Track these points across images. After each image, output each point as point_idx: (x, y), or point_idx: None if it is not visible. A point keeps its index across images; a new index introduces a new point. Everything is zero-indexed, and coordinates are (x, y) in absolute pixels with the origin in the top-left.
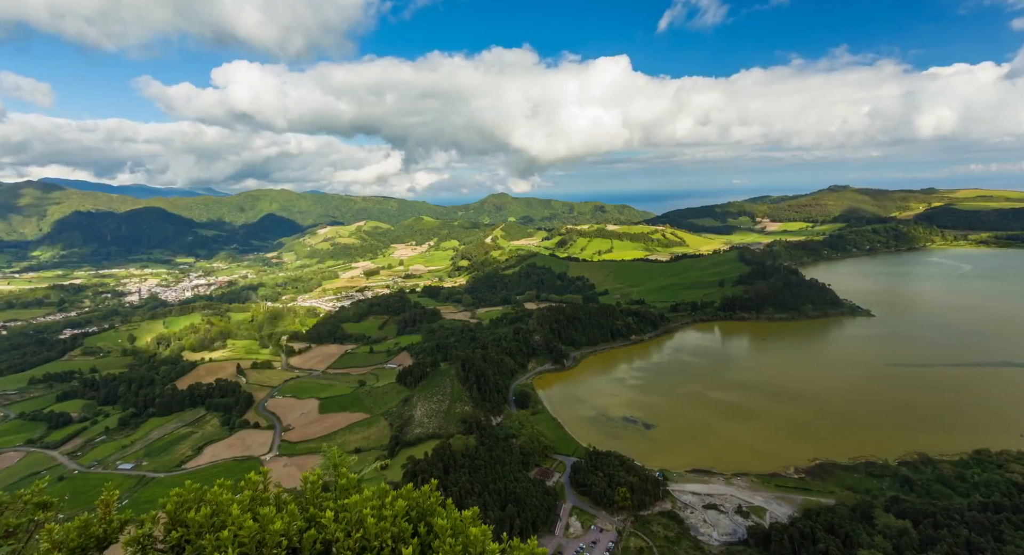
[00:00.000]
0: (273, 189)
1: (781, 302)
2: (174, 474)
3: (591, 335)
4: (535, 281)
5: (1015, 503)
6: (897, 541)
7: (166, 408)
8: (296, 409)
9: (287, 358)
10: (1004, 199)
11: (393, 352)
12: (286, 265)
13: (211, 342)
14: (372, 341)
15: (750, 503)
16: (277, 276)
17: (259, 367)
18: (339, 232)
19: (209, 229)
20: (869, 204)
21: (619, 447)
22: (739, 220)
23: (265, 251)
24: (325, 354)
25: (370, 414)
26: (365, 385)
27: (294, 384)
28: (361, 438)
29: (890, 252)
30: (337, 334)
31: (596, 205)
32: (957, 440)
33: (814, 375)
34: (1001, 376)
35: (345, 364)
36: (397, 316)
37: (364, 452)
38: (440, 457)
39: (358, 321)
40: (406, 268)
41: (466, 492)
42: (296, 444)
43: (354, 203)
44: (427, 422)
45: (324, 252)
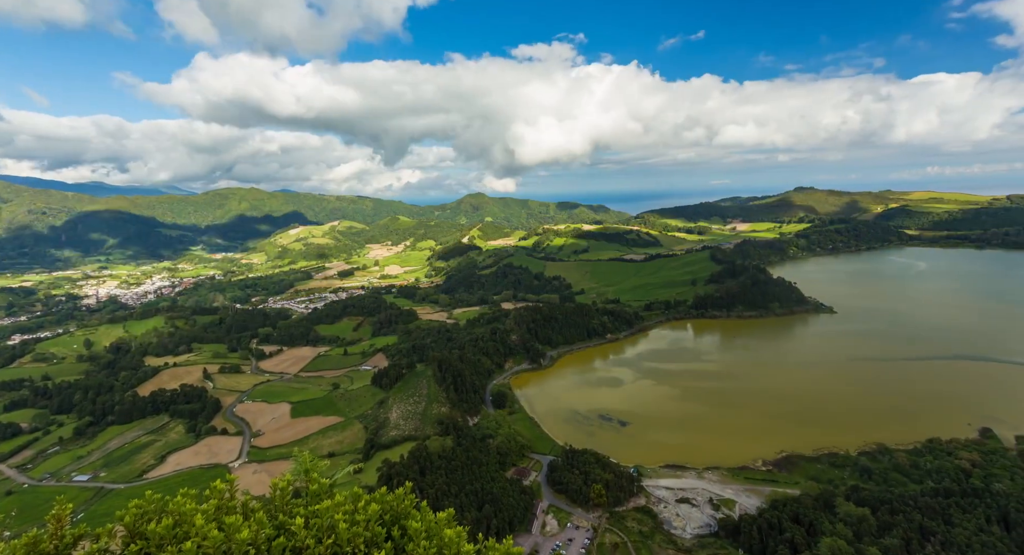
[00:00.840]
0: (242, 188)
1: (750, 300)
2: (134, 485)
3: (568, 334)
4: (512, 281)
5: (963, 488)
6: (857, 528)
7: (126, 416)
8: (266, 414)
9: (257, 361)
10: (954, 201)
11: (368, 354)
12: (256, 266)
13: (176, 346)
14: (346, 343)
15: (721, 496)
16: (247, 277)
17: (227, 371)
18: (312, 232)
19: (174, 229)
20: (832, 205)
21: (595, 445)
22: (711, 220)
23: (234, 252)
24: (297, 357)
25: (344, 417)
26: (339, 388)
27: (264, 388)
28: (335, 442)
29: (851, 251)
30: (310, 336)
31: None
32: (911, 430)
33: (781, 371)
34: (951, 368)
35: (318, 367)
36: (372, 317)
37: (338, 456)
38: (416, 459)
39: (332, 323)
40: (381, 268)
41: (443, 494)
42: (266, 450)
43: (327, 202)
44: (403, 424)
45: (296, 252)
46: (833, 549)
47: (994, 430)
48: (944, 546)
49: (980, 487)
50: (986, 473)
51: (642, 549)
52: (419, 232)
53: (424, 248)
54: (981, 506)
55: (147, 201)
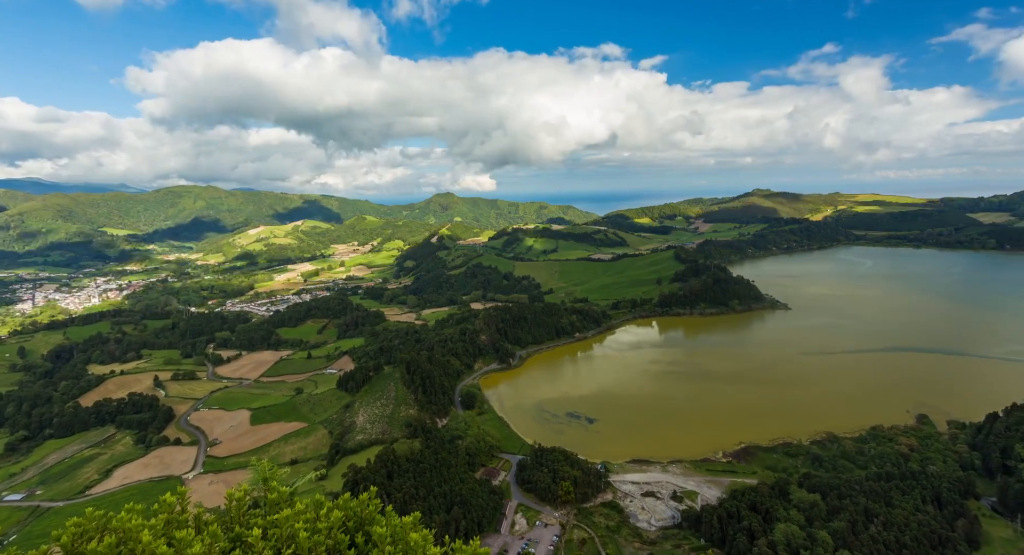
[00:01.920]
0: (198, 186)
1: (712, 298)
2: (75, 502)
3: (537, 334)
4: (481, 281)
5: (902, 471)
6: (809, 513)
7: (67, 428)
8: (224, 421)
9: (214, 367)
10: (895, 204)
11: (333, 357)
12: (213, 267)
13: (123, 353)
14: (310, 346)
15: (684, 488)
16: (202, 279)
17: (181, 378)
18: (274, 232)
19: (121, 228)
20: (787, 207)
21: (563, 442)
22: (675, 221)
23: (188, 252)
24: (258, 361)
25: (308, 423)
26: (302, 392)
27: (222, 395)
28: (298, 448)
29: (804, 250)
30: (271, 340)
31: (541, 205)
32: (858, 418)
33: (739, 365)
34: (892, 360)
35: (280, 371)
36: (338, 319)
37: (301, 463)
38: (383, 463)
39: (295, 325)
40: (348, 269)
41: (410, 497)
42: (224, 459)
43: (290, 201)
44: (370, 428)
45: (257, 253)
46: (787, 534)
47: (929, 416)
48: (885, 526)
49: (917, 470)
50: (922, 457)
51: (609, 543)
52: (387, 232)
53: (392, 248)
54: (917, 487)
55: (91, 199)
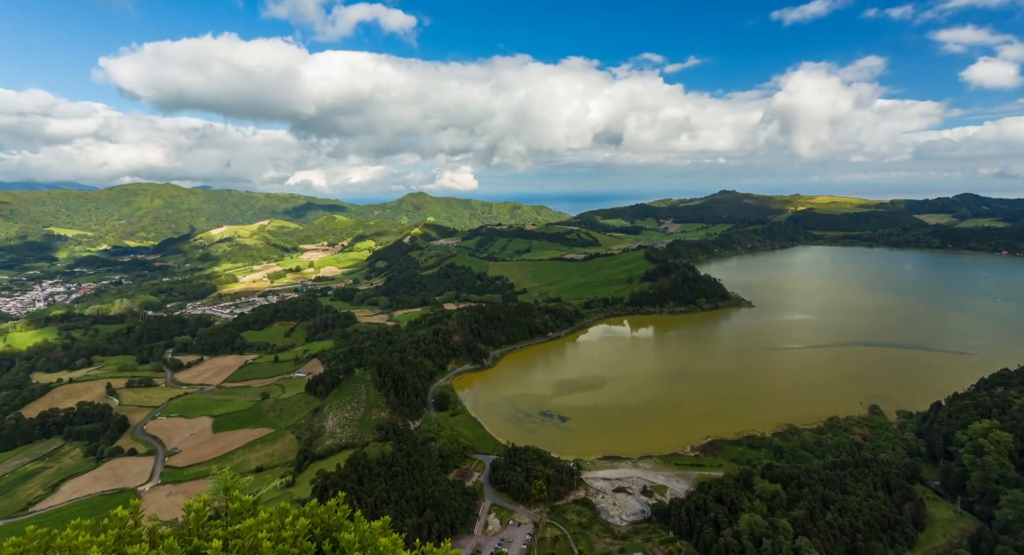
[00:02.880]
0: (156, 184)
1: (681, 296)
2: (17, 520)
3: (510, 333)
4: (454, 281)
5: (856, 459)
6: (771, 502)
7: (7, 442)
8: (184, 430)
9: (173, 373)
10: (850, 205)
11: (302, 360)
12: (172, 269)
13: (72, 360)
14: (277, 349)
15: (654, 483)
16: (160, 281)
17: (137, 385)
18: (238, 232)
19: (70, 228)
20: (751, 207)
21: (537, 441)
22: (646, 221)
23: (145, 253)
24: (221, 366)
25: (275, 428)
26: (269, 397)
27: (182, 402)
28: (263, 455)
29: (767, 250)
30: (235, 343)
31: (514, 205)
32: (816, 410)
33: (707, 362)
34: (847, 354)
35: (245, 376)
36: (306, 321)
37: (267, 471)
38: (354, 468)
39: (261, 328)
40: (317, 270)
41: (382, 501)
42: (183, 469)
43: (255, 201)
44: (340, 432)
45: (220, 254)
46: (750, 524)
47: (880, 407)
48: (841, 512)
49: (869, 458)
50: (874, 445)
51: (581, 540)
52: (357, 232)
53: (363, 249)
54: (870, 474)
55: (35, 197)
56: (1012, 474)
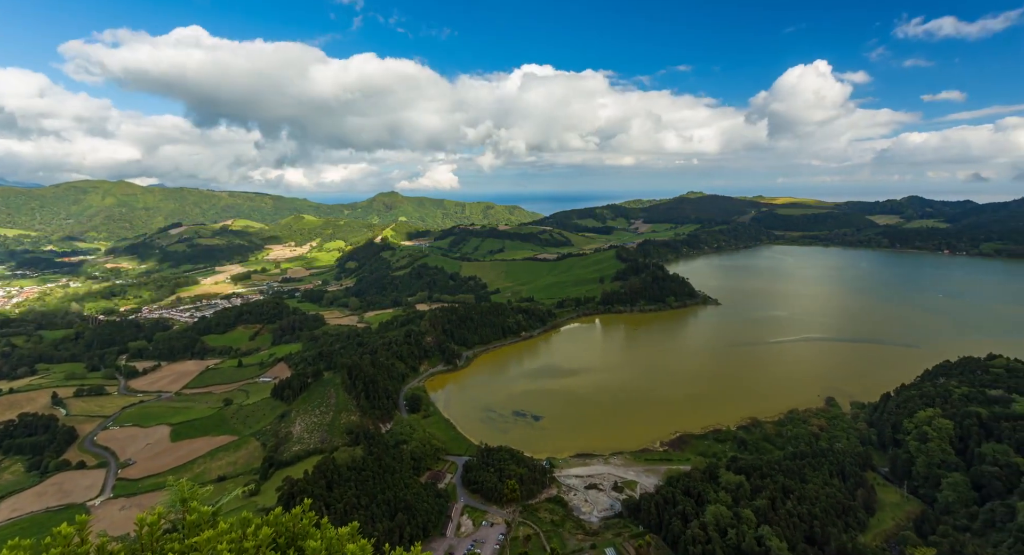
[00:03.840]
0: (107, 181)
1: (650, 295)
2: None
3: (483, 334)
4: (427, 282)
5: (813, 449)
6: (735, 493)
7: None
8: (139, 439)
9: (127, 381)
10: (808, 206)
11: (267, 364)
12: (126, 271)
13: (13, 369)
14: (241, 354)
15: (625, 478)
16: (113, 284)
17: (86, 394)
18: (199, 232)
19: (10, 227)
20: (718, 208)
21: (510, 441)
22: (617, 221)
23: (96, 255)
24: (180, 372)
25: (238, 435)
26: (232, 404)
27: (137, 410)
28: (226, 464)
29: (732, 249)
30: (196, 348)
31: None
32: (777, 403)
33: (676, 359)
34: (807, 348)
35: (206, 382)
36: (272, 324)
37: (230, 480)
38: (322, 473)
39: (223, 332)
40: (284, 271)
41: (352, 507)
42: (138, 481)
43: (218, 199)
44: (308, 437)
45: (179, 255)
46: (716, 515)
47: (836, 399)
48: (800, 500)
49: (825, 447)
50: (830, 435)
51: (553, 538)
52: (327, 232)
53: (332, 249)
54: (826, 463)
55: None
56: (952, 459)
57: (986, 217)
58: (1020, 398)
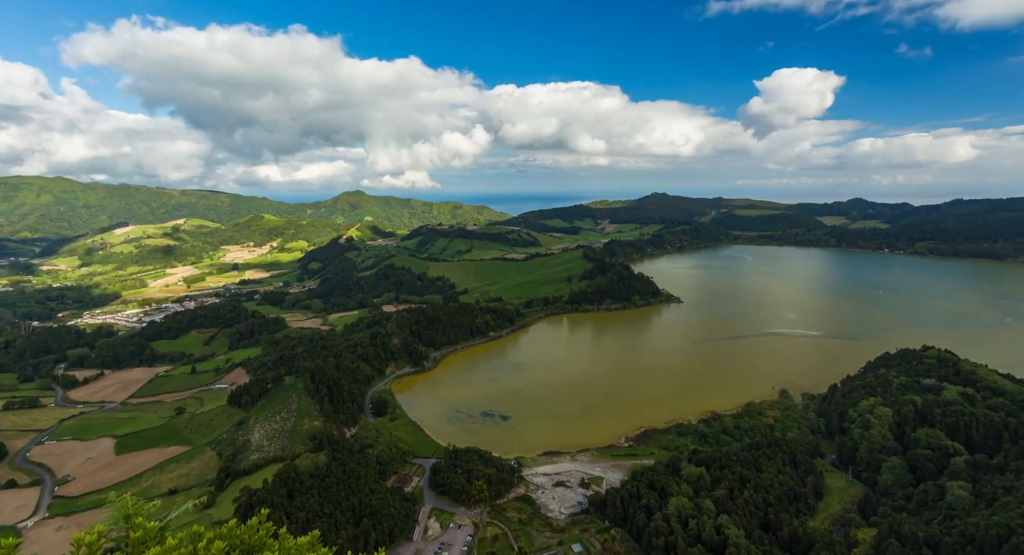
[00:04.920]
0: (44, 177)
1: (616, 294)
2: None
3: (451, 334)
4: (394, 282)
5: (768, 440)
6: (696, 485)
7: None
8: (79, 454)
9: (65, 391)
10: (764, 207)
11: (224, 370)
12: (65, 273)
13: None
14: (195, 360)
15: (591, 475)
16: (50, 287)
17: (18, 407)
18: (147, 231)
19: None
20: (680, 209)
21: (478, 442)
22: (584, 222)
23: (28, 257)
24: (126, 381)
25: (191, 446)
26: (184, 412)
27: (76, 422)
28: (178, 476)
29: (694, 249)
30: (144, 355)
31: (455, 205)
32: (735, 397)
33: (640, 355)
34: (762, 343)
35: (156, 390)
36: (229, 328)
37: (182, 492)
38: (283, 482)
39: (175, 337)
40: (241, 273)
41: (314, 515)
42: (77, 499)
43: (169, 198)
44: (267, 445)
45: (125, 256)
46: (678, 507)
47: (788, 391)
48: (756, 489)
49: (779, 438)
50: (783, 426)
51: (521, 536)
52: (288, 232)
53: (294, 249)
54: (780, 453)
55: None
56: (891, 444)
57: (920, 218)
58: (950, 386)
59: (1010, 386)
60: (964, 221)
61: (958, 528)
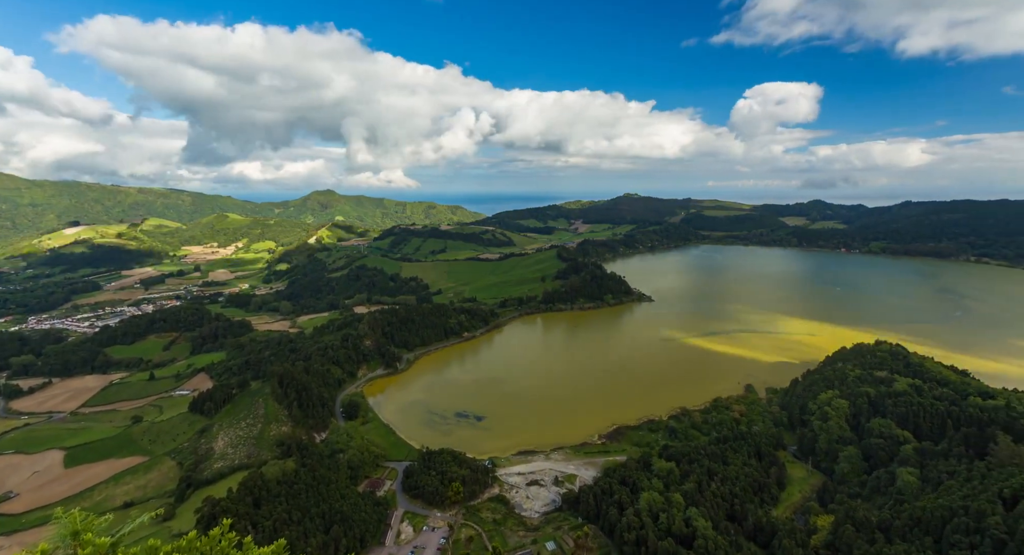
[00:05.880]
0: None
1: (589, 293)
2: None
3: (425, 335)
4: (366, 283)
5: (734, 433)
6: (666, 479)
7: None
8: (23, 468)
9: (7, 401)
10: (730, 208)
11: (185, 376)
12: (8, 276)
13: None
14: (153, 366)
15: (565, 472)
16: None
17: None
18: (102, 231)
19: None
20: (651, 210)
21: (452, 443)
22: (557, 222)
23: None
24: (77, 389)
25: (149, 456)
26: (141, 421)
27: (20, 435)
28: (134, 488)
29: (665, 248)
30: (97, 362)
31: (429, 205)
32: (703, 392)
33: (613, 354)
34: (729, 339)
35: (110, 399)
36: (191, 332)
37: (139, 505)
38: (249, 490)
39: (132, 342)
40: (205, 274)
41: (282, 523)
42: (21, 516)
43: (125, 196)
44: (232, 453)
45: (75, 258)
46: (649, 501)
47: (753, 386)
48: (723, 481)
49: (745, 431)
50: (749, 419)
51: (496, 536)
52: (255, 232)
53: (261, 250)
54: (745, 446)
55: None
56: (848, 434)
57: (874, 219)
58: (900, 378)
59: (953, 377)
60: (913, 222)
61: (907, 512)
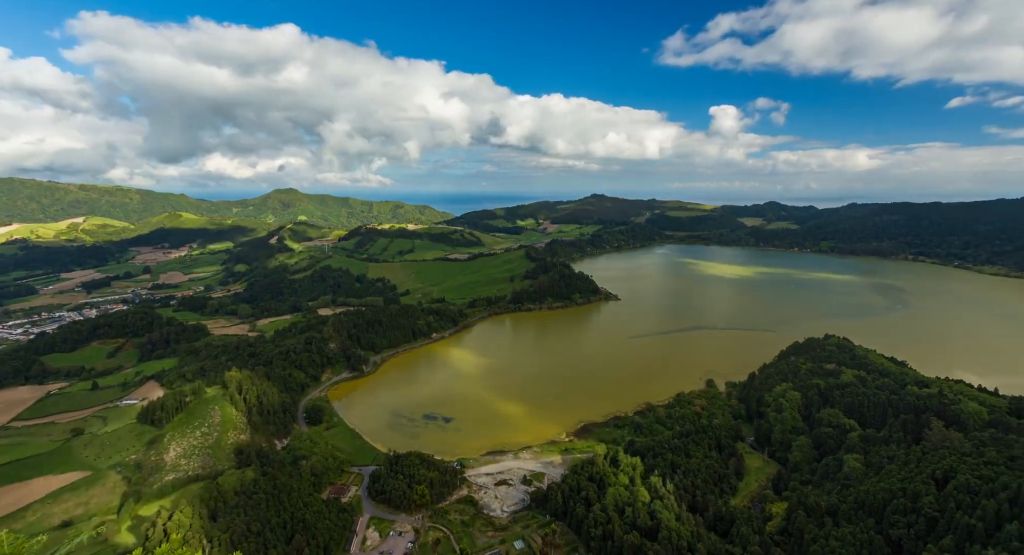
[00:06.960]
0: None
1: (558, 293)
2: None
3: (392, 337)
4: (331, 284)
5: (696, 427)
6: (632, 474)
7: None
8: None
9: None
10: (692, 209)
11: (132, 384)
12: None
13: None
14: (96, 374)
15: (533, 471)
16: None
17: None
18: (37, 231)
19: None
20: (617, 210)
21: (420, 446)
22: (526, 222)
23: None
24: (8, 401)
25: (91, 470)
26: (83, 434)
27: None
28: (74, 505)
29: (630, 248)
30: (32, 371)
31: (396, 205)
32: (667, 388)
33: (580, 352)
34: (691, 337)
35: (47, 411)
36: (139, 338)
37: (81, 523)
38: (203, 502)
39: (72, 350)
40: (155, 277)
41: (240, 535)
42: None
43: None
44: (186, 464)
45: (7, 260)
46: (615, 497)
47: (714, 380)
48: (685, 474)
49: (706, 424)
50: (710, 413)
51: (464, 538)
52: (210, 232)
53: (218, 251)
54: (706, 438)
55: None
56: (800, 425)
57: (823, 220)
58: (847, 370)
59: (893, 368)
60: (857, 223)
61: (852, 496)
